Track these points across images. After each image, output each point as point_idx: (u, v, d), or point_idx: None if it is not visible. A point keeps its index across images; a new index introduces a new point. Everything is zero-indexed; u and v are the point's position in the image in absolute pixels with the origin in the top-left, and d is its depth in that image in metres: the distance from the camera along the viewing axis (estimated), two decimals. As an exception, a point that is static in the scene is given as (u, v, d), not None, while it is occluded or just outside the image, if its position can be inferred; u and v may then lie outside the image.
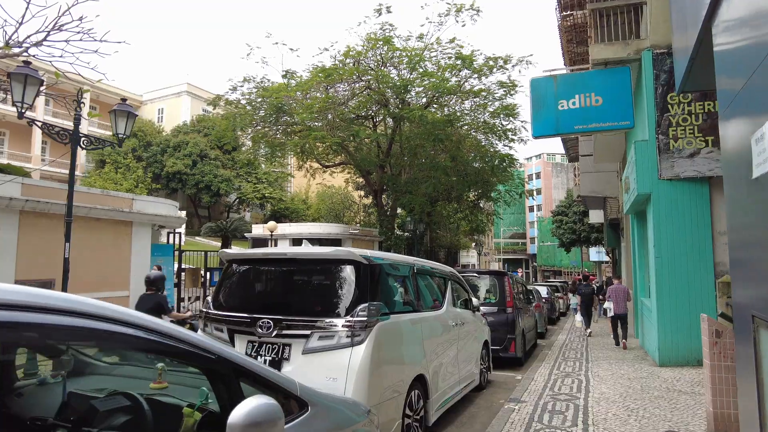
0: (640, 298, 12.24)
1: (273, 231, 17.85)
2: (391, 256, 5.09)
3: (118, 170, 34.40)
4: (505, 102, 22.73)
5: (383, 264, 4.75)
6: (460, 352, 6.42)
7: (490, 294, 9.86)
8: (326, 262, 4.59)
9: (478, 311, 7.72)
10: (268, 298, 4.76)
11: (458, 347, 6.37)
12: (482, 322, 7.88)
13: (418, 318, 5.14)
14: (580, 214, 37.58)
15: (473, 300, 7.36)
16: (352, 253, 4.42)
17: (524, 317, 10.60)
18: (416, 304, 5.29)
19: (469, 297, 7.39)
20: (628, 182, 10.77)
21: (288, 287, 4.70)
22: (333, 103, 19.76)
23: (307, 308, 4.45)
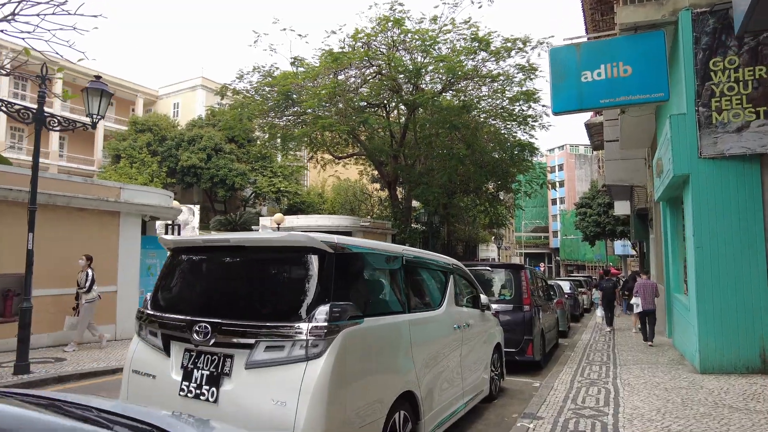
0: (673, 294, 10.98)
1: (280, 224, 17.02)
2: (370, 244, 4.07)
3: (133, 165, 34.16)
4: (524, 87, 21.48)
5: (358, 253, 3.75)
6: (464, 359, 5.39)
7: (505, 290, 8.77)
8: (281, 250, 3.60)
9: (488, 310, 6.66)
10: (211, 296, 3.78)
11: (462, 353, 5.34)
12: (494, 323, 6.81)
13: (405, 321, 4.12)
14: (605, 206, 35.93)
15: (482, 297, 6.30)
16: (312, 239, 3.42)
17: (544, 315, 9.48)
18: (405, 303, 4.27)
19: (477, 293, 6.33)
20: (660, 164, 9.52)
21: (233, 283, 3.72)
22: (342, 90, 18.78)
23: (254, 310, 3.46)
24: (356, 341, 3.37)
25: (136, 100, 39.43)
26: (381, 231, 20.67)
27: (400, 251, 4.45)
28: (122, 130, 36.02)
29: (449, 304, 5.23)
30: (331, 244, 3.47)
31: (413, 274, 4.72)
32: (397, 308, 4.14)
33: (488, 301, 6.39)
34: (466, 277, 6.24)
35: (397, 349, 3.93)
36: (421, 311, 4.57)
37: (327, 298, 3.29)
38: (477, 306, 6.23)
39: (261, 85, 20.33)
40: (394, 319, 3.97)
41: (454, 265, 5.78)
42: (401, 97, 20.31)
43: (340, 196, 35.85)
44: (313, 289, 3.33)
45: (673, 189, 9.33)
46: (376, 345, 3.66)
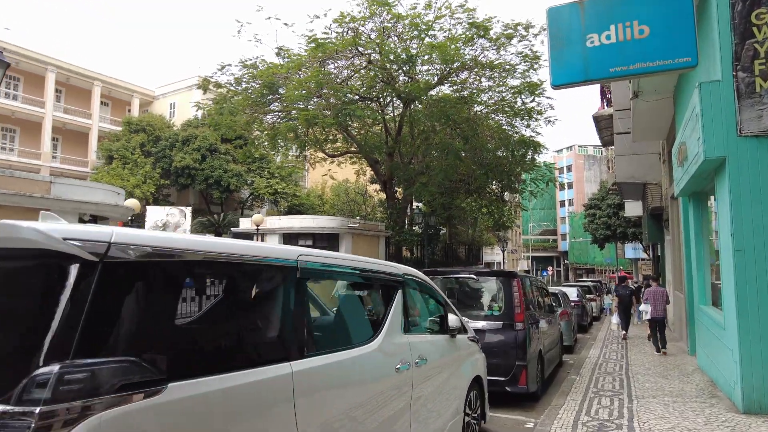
0: (698, 307, 9.15)
1: (259, 225, 15.43)
2: (200, 242, 2.34)
3: (125, 166, 32.87)
4: (528, 79, 19.75)
5: (167, 261, 2.05)
6: (417, 410, 3.71)
7: (494, 304, 7.04)
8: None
9: (463, 333, 4.97)
10: None
11: (413, 401, 3.65)
12: (470, 350, 5.10)
13: (284, 376, 2.43)
14: (615, 207, 33.95)
15: (451, 318, 4.58)
16: (37, 231, 1.74)
17: (543, 332, 7.72)
18: (294, 342, 2.59)
19: (444, 313, 4.63)
20: (684, 150, 7.74)
21: None
22: (329, 81, 17.18)
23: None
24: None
25: (132, 101, 38.23)
26: (373, 233, 18.99)
27: (290, 256, 2.74)
28: (117, 131, 34.77)
29: (390, 334, 3.54)
30: (97, 240, 1.79)
31: (319, 294, 3.04)
32: (273, 353, 2.46)
33: (460, 323, 4.67)
34: (428, 292, 4.55)
35: (260, 429, 2.25)
36: (330, 352, 2.88)
37: (66, 350, 1.62)
38: (444, 330, 4.53)
39: (243, 77, 18.78)
40: (258, 375, 2.28)
41: (406, 277, 4.07)
42: (395, 89, 18.65)
43: (339, 198, 34.25)
44: (43, 333, 1.66)
45: (700, 179, 7.54)
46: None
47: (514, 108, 19.80)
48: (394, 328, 3.61)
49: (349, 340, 3.25)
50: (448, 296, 7.26)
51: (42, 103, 32.52)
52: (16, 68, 32.31)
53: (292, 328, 2.60)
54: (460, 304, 7.43)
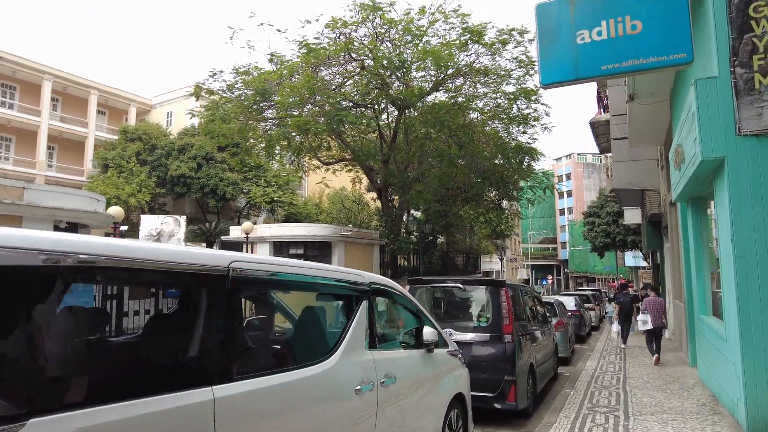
0: (699, 317, 8.73)
1: (249, 233, 15.06)
2: (86, 243, 1.92)
3: (121, 175, 32.59)
4: (524, 85, 19.47)
5: (28, 267, 1.65)
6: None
7: (481, 314, 6.64)
8: None
9: (442, 347, 4.58)
10: None
11: (378, 426, 3.25)
12: (450, 366, 4.70)
13: (204, 404, 2.04)
14: (614, 215, 33.54)
15: (427, 331, 4.18)
16: None
17: (534, 345, 7.31)
18: (219, 362, 2.20)
19: (420, 326, 4.24)
20: (681, 152, 7.38)
21: None
22: (322, 87, 16.89)
23: None
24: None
25: (129, 109, 38.06)
26: (367, 241, 18.59)
27: (220, 263, 2.35)
28: (114, 139, 34.55)
29: (351, 351, 3.14)
30: None
31: (261, 305, 2.66)
32: (189, 377, 2.07)
33: (437, 336, 4.27)
34: (401, 302, 4.16)
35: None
36: (271, 374, 2.49)
37: None
38: (419, 345, 4.14)
39: (236, 84, 18.51)
40: (164, 404, 1.89)
41: (373, 286, 3.67)
42: (389, 96, 18.36)
43: (336, 206, 33.91)
44: None
45: (698, 182, 7.17)
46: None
47: (509, 114, 19.49)
48: (355, 343, 3.22)
49: (299, 359, 2.86)
50: (434, 307, 6.87)
51: (38, 111, 32.33)
52: (13, 77, 32.20)
53: (218, 346, 2.21)
54: (446, 315, 7.04)
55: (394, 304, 4.09)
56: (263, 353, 2.81)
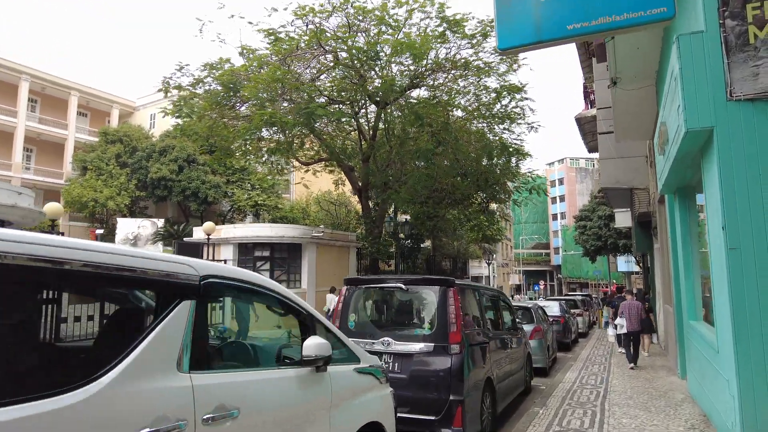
0: (688, 322, 7.62)
1: (210, 234, 13.94)
2: None
3: (99, 177, 31.45)
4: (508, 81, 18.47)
5: None
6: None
7: (425, 321, 5.53)
8: None
9: (347, 363, 3.47)
10: None
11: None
12: (358, 387, 3.58)
13: None
14: (606, 219, 32.52)
15: (311, 343, 3.04)
16: None
17: (495, 357, 6.18)
18: None
19: (308, 334, 3.13)
20: (665, 131, 6.31)
21: None
22: (292, 80, 15.84)
23: None
24: None
25: (111, 111, 37.01)
26: (342, 243, 17.45)
27: None
28: (92, 141, 33.46)
29: (141, 374, 2.03)
30: None
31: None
32: None
33: (325, 351, 3.10)
34: (276, 303, 3.05)
35: None
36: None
37: None
38: (299, 362, 3.02)
39: (206, 79, 17.44)
40: None
41: (210, 281, 2.54)
42: (366, 90, 17.30)
43: (321, 210, 32.83)
44: None
45: (684, 165, 6.10)
46: None
47: (491, 110, 18.45)
48: (152, 362, 2.10)
49: (28, 388, 1.73)
50: (374, 311, 5.77)
51: (14, 112, 31.22)
52: None
53: None
54: (386, 322, 5.93)
55: (253, 303, 2.98)
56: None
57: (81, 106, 35.40)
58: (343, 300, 5.79)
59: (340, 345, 3.53)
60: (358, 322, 5.69)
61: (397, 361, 5.25)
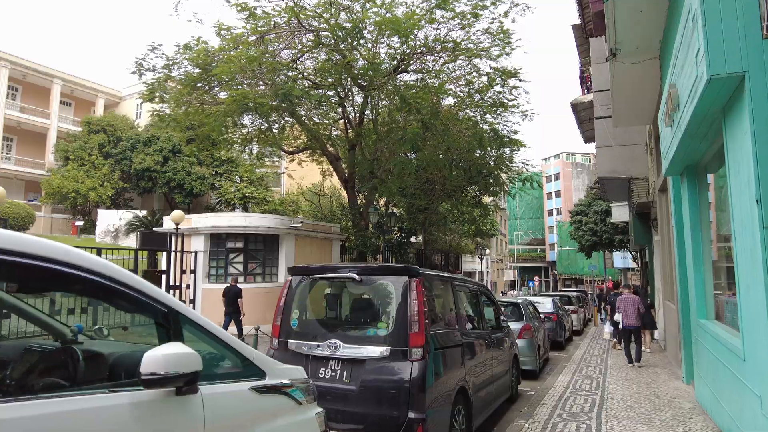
0: (697, 321, 6.59)
1: (178, 223, 12.88)
2: None
3: (82, 168, 30.28)
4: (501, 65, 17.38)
5: None
6: None
7: (381, 319, 4.48)
8: None
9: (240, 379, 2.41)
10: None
11: None
12: (246, 415, 2.51)
13: None
14: (602, 214, 31.55)
15: (152, 356, 1.95)
16: None
17: (471, 362, 5.14)
18: None
19: (170, 336, 2.06)
20: (675, 93, 5.26)
21: None
22: (270, 60, 14.73)
23: None
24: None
25: (97, 101, 35.77)
26: (324, 235, 16.37)
27: None
28: (75, 130, 32.27)
29: None
30: None
31: None
32: None
33: (174, 366, 2.00)
34: (103, 284, 1.99)
35: None
36: None
37: None
38: (141, 381, 1.94)
39: (180, 60, 16.28)
40: None
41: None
42: (351, 73, 16.17)
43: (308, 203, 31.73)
44: None
45: (700, 132, 5.05)
46: None
47: (483, 96, 17.35)
48: None
49: None
50: (323, 307, 4.72)
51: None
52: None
53: None
54: (336, 320, 4.89)
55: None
56: None
57: (65, 95, 34.18)
58: (286, 293, 4.74)
59: (230, 354, 2.48)
60: (303, 320, 4.64)
61: (346, 368, 4.21)
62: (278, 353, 4.62)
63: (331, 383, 4.20)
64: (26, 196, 32.33)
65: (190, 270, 13.46)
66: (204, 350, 2.39)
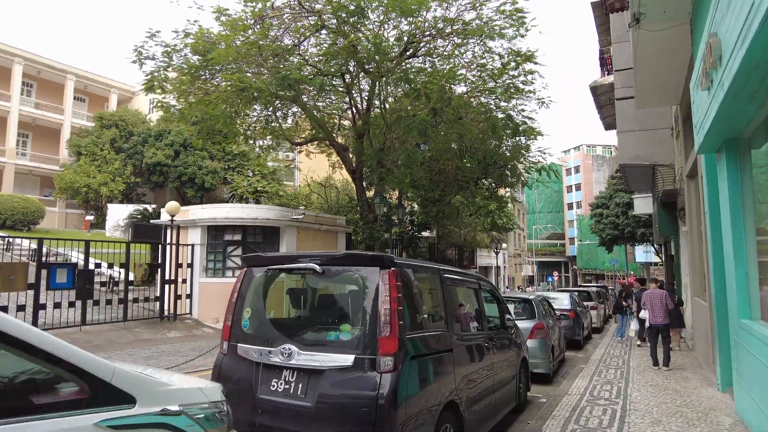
0: (740, 322, 5.58)
1: (174, 215, 12.23)
2: None
3: (94, 162, 30.12)
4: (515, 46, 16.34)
5: None
6: None
7: (346, 320, 3.64)
8: None
9: (85, 410, 1.60)
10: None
11: None
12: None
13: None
14: (624, 206, 30.15)
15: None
16: None
17: (465, 370, 4.27)
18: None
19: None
20: (716, 44, 4.28)
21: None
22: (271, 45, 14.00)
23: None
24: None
25: (110, 96, 35.67)
26: (328, 228, 15.58)
27: None
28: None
29: None
30: None
31: None
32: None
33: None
34: None
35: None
36: None
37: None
38: None
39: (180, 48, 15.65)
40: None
41: None
42: (357, 58, 15.31)
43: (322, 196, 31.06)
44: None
45: (749, 91, 4.06)
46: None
47: (496, 79, 16.30)
48: None
49: None
50: (279, 305, 3.90)
51: (8, 96, 30.00)
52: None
53: None
54: (293, 321, 4.08)
55: None
56: None
57: (79, 91, 34.13)
58: (239, 288, 3.94)
59: (69, 374, 1.67)
60: (256, 320, 3.83)
61: (301, 380, 3.39)
62: (227, 360, 3.83)
63: (284, 398, 3.39)
64: (42, 191, 32.40)
65: (186, 264, 12.84)
66: (21, 369, 1.60)
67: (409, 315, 3.52)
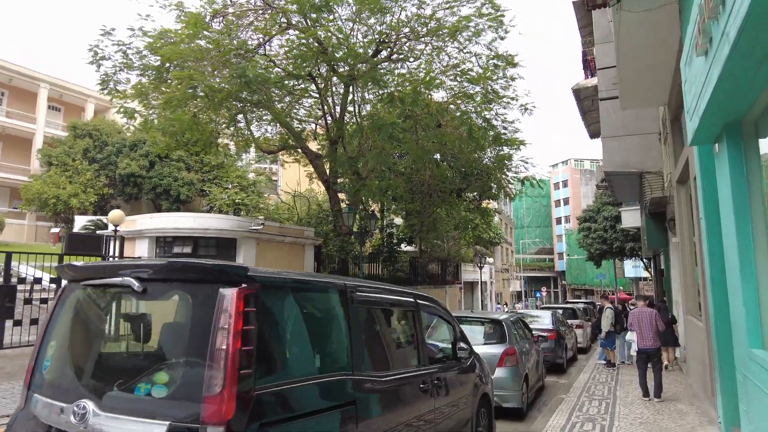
0: (750, 352, 4.39)
1: (117, 224, 10.99)
2: None
3: (65, 173, 28.72)
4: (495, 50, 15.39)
5: None
6: None
7: (168, 364, 2.39)
8: None
9: None
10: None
11: None
12: None
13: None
14: (612, 220, 29.18)
15: None
16: None
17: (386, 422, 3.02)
18: None
19: None
20: (715, 5, 3.17)
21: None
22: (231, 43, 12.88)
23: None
24: None
25: (86, 106, 34.41)
26: (293, 239, 14.30)
27: None
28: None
29: None
30: None
31: None
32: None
33: None
34: None
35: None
36: None
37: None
38: None
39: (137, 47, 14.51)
40: None
41: None
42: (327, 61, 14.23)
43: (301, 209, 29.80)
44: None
45: (762, 38, 2.93)
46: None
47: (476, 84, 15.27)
48: None
49: None
50: (86, 338, 2.65)
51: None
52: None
53: None
54: (99, 362, 2.81)
55: None
56: None
57: (54, 100, 32.87)
58: (53, 311, 2.70)
59: None
60: (58, 359, 2.59)
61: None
62: (23, 416, 2.57)
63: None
64: (11, 203, 30.92)
65: (132, 278, 11.52)
66: None
67: (272, 356, 2.30)
